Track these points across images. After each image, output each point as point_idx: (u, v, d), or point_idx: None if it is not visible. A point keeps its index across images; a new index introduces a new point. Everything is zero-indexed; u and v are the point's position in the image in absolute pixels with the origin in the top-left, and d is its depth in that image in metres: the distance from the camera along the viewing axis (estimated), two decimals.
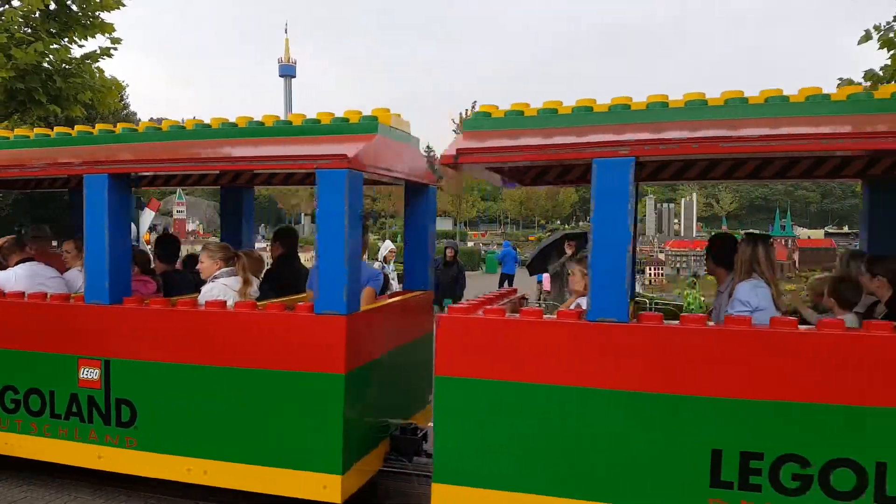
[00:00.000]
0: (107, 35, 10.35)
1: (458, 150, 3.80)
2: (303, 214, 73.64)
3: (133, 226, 8.11)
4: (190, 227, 63.56)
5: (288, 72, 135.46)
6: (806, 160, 4.70)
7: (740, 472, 3.42)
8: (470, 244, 47.30)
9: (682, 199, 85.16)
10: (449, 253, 10.97)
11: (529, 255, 12.41)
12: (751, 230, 6.34)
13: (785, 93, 3.56)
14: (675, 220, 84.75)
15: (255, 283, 4.97)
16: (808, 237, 61.73)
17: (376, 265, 11.30)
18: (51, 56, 9.68)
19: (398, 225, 65.50)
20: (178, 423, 4.47)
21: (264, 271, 5.73)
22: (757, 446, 3.39)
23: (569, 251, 9.52)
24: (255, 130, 4.59)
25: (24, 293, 5.00)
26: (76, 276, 5.49)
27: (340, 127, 4.44)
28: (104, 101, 10.46)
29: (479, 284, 12.40)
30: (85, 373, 4.69)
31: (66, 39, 10.02)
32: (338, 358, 4.08)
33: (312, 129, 4.46)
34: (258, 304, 4.52)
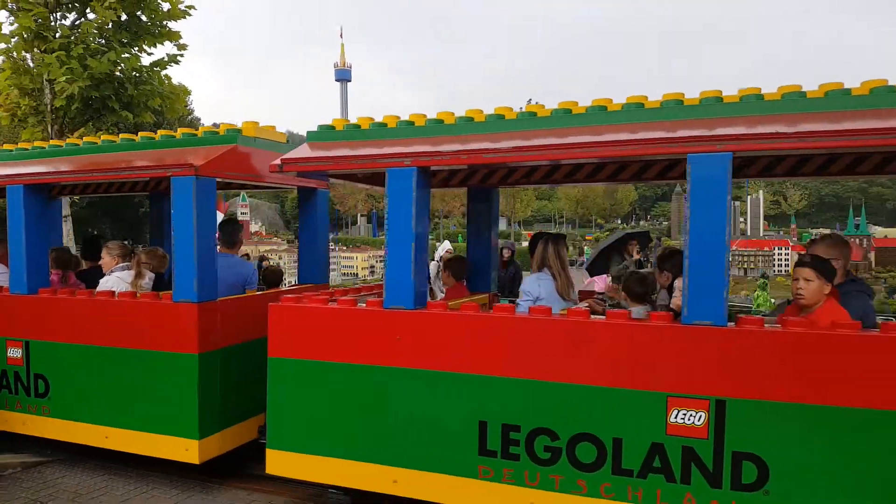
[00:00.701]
0: (174, 42, 10.62)
1: (282, 159, 4.41)
2: (359, 215, 74.38)
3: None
4: (253, 227, 65.18)
5: (344, 76, 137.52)
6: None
7: (502, 442, 3.89)
8: (525, 244, 47.08)
9: (749, 197, 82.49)
10: (505, 253, 10.82)
11: (589, 256, 12.15)
12: (542, 231, 6.47)
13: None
14: (742, 219, 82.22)
15: (148, 276, 5.58)
16: (885, 236, 59.02)
17: (433, 265, 11.23)
18: (122, 65, 9.99)
19: (457, 225, 65.70)
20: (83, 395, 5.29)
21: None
22: (514, 420, 3.86)
23: (632, 251, 9.23)
24: (127, 146, 5.39)
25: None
26: None
27: (189, 140, 5.20)
28: (172, 106, 10.74)
29: None
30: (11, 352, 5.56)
31: (136, 48, 10.32)
32: (191, 340, 4.77)
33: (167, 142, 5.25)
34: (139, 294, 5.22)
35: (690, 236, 3.47)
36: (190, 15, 10.44)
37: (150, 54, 10.52)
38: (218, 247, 5.65)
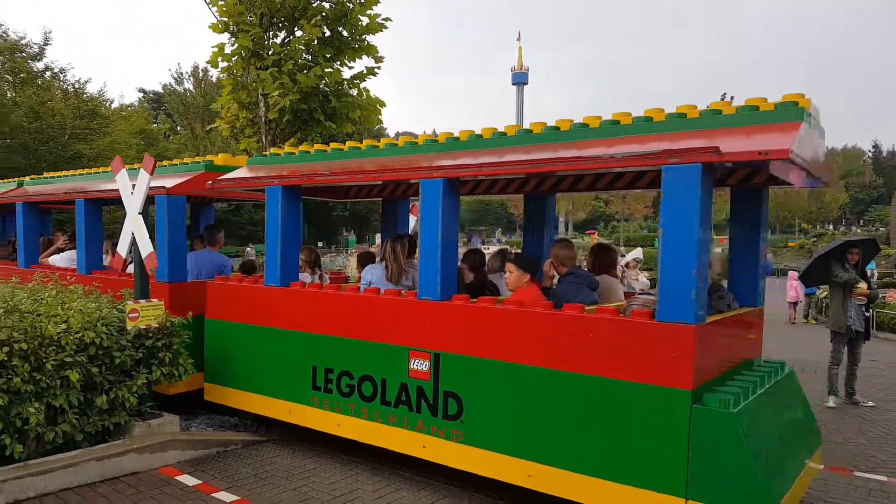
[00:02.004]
0: (371, 56, 11.26)
1: (213, 181, 6.43)
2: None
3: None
4: None
5: (521, 80, 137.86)
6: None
7: (324, 380, 5.56)
8: (717, 249, 43.84)
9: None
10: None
11: (804, 265, 11.06)
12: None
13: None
14: None
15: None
16: None
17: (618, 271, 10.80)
18: (326, 78, 10.76)
19: (631, 229, 63.36)
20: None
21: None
22: (330, 364, 5.52)
23: (853, 260, 8.34)
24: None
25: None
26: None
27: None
28: (370, 117, 11.39)
29: None
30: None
31: (338, 63, 11.08)
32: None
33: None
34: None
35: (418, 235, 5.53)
36: (386, 27, 11.01)
37: (350, 68, 11.24)
38: (206, 245, 7.50)
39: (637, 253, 10.74)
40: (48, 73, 22.56)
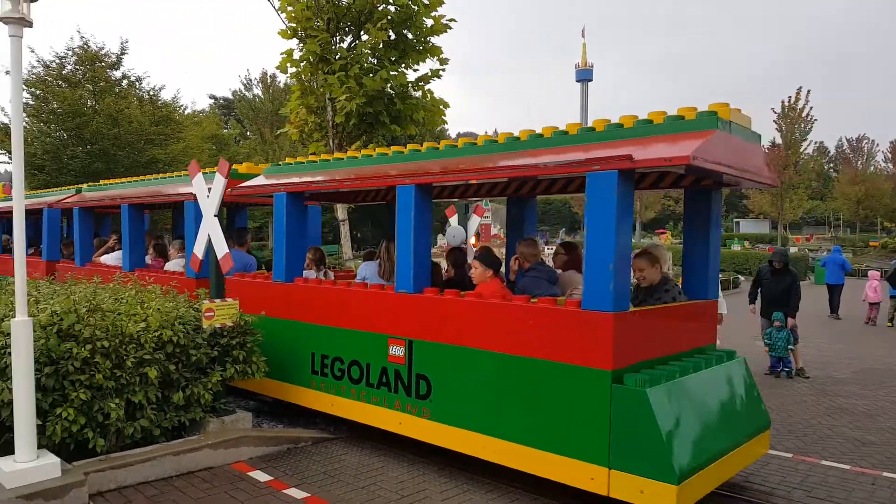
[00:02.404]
0: (435, 58, 11.29)
1: (233, 187, 6.94)
2: None
3: (462, 230, 8.73)
4: (493, 231, 67.11)
5: (585, 76, 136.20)
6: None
7: (320, 366, 6.23)
8: (793, 249, 41.94)
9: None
10: (776, 264, 9.90)
11: (888, 265, 10.50)
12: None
13: None
14: None
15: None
16: None
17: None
18: (391, 81, 10.85)
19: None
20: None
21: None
22: (325, 352, 6.20)
23: None
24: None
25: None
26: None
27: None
28: (433, 119, 11.42)
29: (805, 296, 10.88)
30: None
31: (403, 65, 11.15)
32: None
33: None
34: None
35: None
36: (451, 28, 11.02)
37: (415, 70, 11.30)
38: (235, 245, 7.82)
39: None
40: (125, 82, 23.54)
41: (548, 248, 19.06)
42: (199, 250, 6.30)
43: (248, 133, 53.84)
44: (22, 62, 4.55)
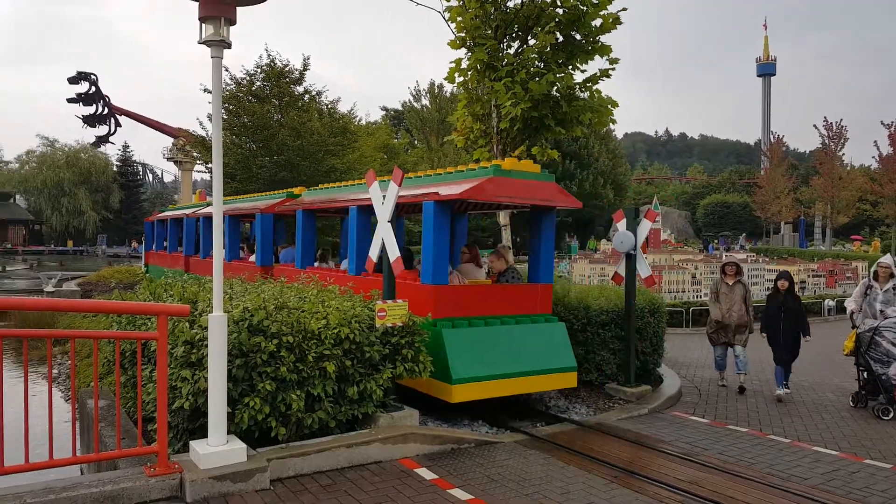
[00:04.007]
0: (604, 57, 10.98)
1: (277, 205, 11.20)
2: (783, 223, 67.40)
3: (630, 235, 8.42)
4: (663, 235, 64.27)
5: (767, 70, 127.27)
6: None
7: None
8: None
9: None
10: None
11: None
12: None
13: None
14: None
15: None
16: None
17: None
18: (558, 84, 10.70)
19: None
20: None
21: None
22: None
23: None
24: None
25: None
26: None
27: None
28: (601, 120, 11.12)
29: None
30: None
31: (570, 67, 10.95)
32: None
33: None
34: None
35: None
36: (621, 23, 10.67)
37: (583, 71, 11.06)
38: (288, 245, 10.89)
39: (887, 259, 9.04)
40: (306, 96, 25.32)
41: (726, 255, 17.86)
42: (373, 253, 6.60)
43: (416, 142, 55.92)
44: (221, 80, 5.01)
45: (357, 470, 5.38)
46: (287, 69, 24.29)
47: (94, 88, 57.54)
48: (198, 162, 29.95)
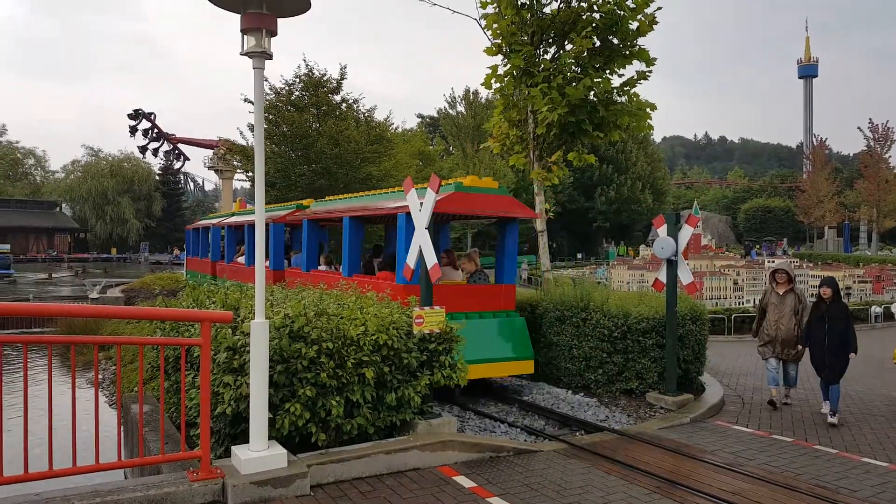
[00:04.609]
0: (642, 60, 10.87)
1: (287, 215, 12.31)
2: (827, 228, 65.74)
3: (671, 241, 8.30)
4: (704, 241, 63.23)
5: (809, 72, 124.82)
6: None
7: None
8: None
9: None
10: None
11: None
12: None
13: None
14: None
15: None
16: None
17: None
18: (595, 88, 10.63)
19: None
20: None
21: None
22: None
23: None
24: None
25: None
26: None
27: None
28: (640, 124, 11.00)
29: None
30: None
31: (607, 71, 10.88)
32: None
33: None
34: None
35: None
36: (657, 23, 10.55)
37: (620, 75, 10.97)
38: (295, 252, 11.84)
39: None
40: (344, 105, 25.58)
41: (769, 262, 17.50)
42: (411, 260, 6.62)
43: (451, 148, 56.02)
44: (263, 91, 5.08)
45: (396, 477, 5.38)
46: (325, 79, 24.59)
47: (152, 125, 62.93)
48: (238, 170, 30.46)
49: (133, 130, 62.03)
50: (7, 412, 4.38)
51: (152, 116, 62.56)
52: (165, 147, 64.53)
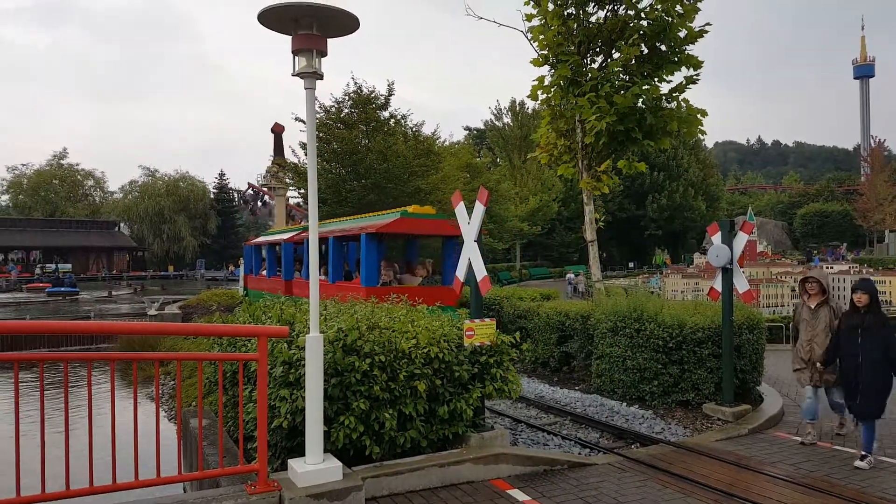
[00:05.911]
0: (689, 66, 10.72)
1: (298, 233, 14.48)
2: (888, 231, 63.21)
3: (726, 249, 8.15)
4: (759, 248, 61.60)
5: (865, 72, 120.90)
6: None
7: None
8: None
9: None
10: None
11: None
12: None
13: None
14: None
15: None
16: None
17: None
18: (643, 96, 10.52)
19: None
20: None
21: None
22: None
23: None
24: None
25: None
26: None
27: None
28: (690, 130, 10.83)
29: None
30: None
31: (655, 78, 10.76)
32: None
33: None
34: None
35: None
36: (707, 31, 10.41)
37: (668, 82, 10.84)
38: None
39: None
40: (392, 121, 25.91)
41: (805, 268, 16.96)
42: (460, 273, 6.64)
43: (498, 160, 56.05)
44: (314, 110, 5.19)
45: (449, 490, 5.38)
46: (373, 95, 24.95)
47: (259, 197, 75.54)
48: (290, 188, 31.08)
49: (245, 202, 75.89)
50: (70, 426, 4.55)
51: (261, 194, 72.46)
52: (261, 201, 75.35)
